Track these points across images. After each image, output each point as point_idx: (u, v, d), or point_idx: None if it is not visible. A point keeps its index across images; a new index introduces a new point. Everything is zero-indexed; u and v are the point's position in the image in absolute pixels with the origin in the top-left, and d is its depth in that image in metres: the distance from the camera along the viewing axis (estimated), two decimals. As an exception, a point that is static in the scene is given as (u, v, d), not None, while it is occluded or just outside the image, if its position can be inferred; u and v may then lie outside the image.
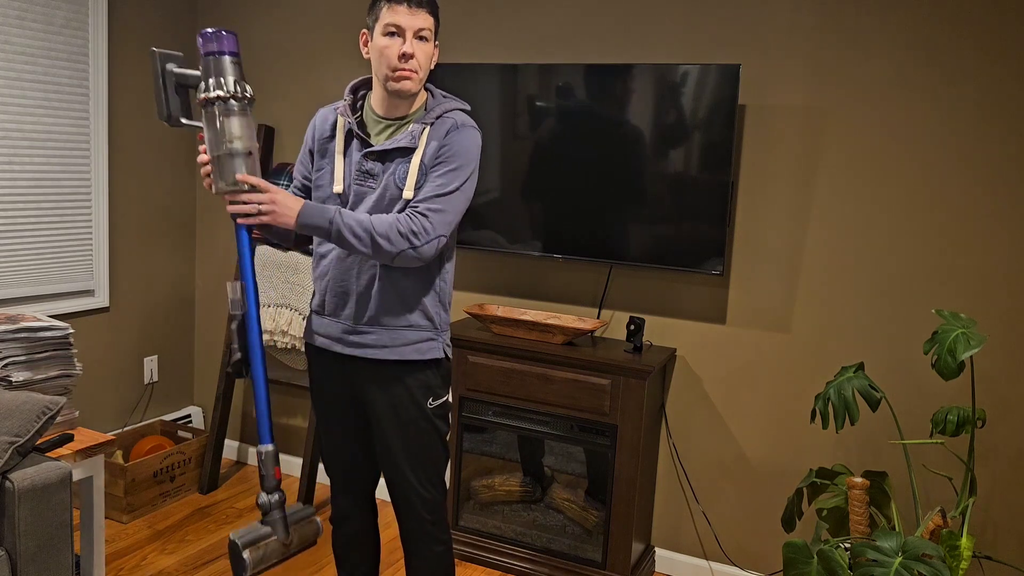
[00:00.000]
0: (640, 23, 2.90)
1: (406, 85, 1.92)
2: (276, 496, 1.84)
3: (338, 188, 1.99)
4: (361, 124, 2.01)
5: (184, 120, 1.91)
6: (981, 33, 2.46)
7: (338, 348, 2.04)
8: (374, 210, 1.96)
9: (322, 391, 2.13)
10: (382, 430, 2.05)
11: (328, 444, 2.17)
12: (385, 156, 1.96)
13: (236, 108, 1.82)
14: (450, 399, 2.11)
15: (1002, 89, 2.45)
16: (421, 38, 1.90)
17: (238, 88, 1.82)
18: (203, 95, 1.82)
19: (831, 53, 2.64)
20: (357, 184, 1.98)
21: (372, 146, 1.97)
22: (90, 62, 3.27)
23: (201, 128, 1.86)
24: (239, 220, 1.86)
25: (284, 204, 1.86)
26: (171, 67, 1.88)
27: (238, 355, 1.88)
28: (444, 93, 2.05)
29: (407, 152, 1.95)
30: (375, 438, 2.08)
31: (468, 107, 2.05)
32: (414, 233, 1.87)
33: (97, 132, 3.33)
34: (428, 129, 1.95)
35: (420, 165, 1.94)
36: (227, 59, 1.83)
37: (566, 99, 2.89)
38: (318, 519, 1.95)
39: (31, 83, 3.07)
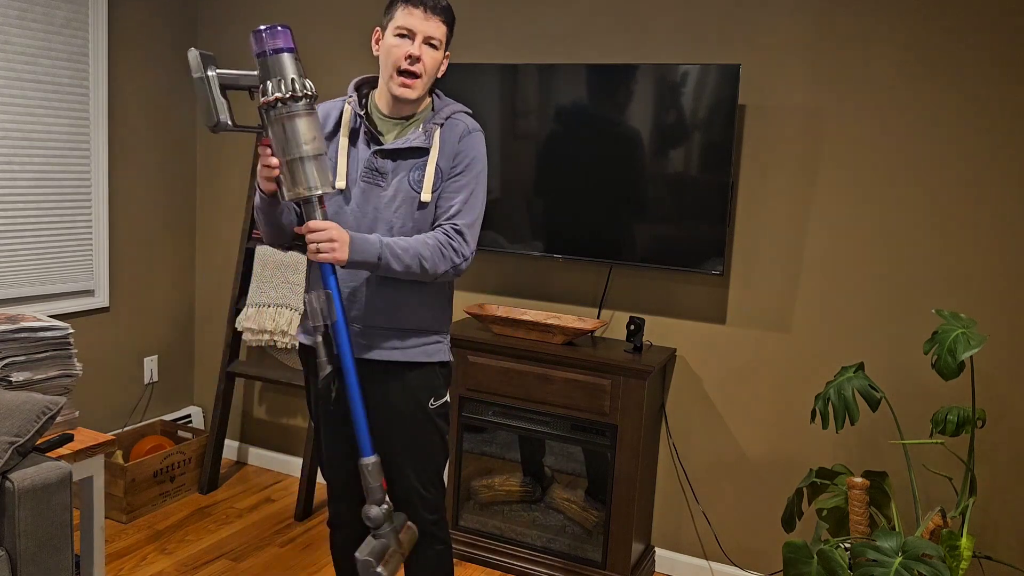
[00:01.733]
0: (640, 23, 2.90)
1: (406, 93, 1.92)
2: (385, 507, 1.81)
3: (340, 184, 1.97)
4: (369, 121, 2.01)
5: (233, 125, 1.77)
6: (981, 33, 2.46)
7: None
8: (386, 210, 1.95)
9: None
10: (384, 431, 2.04)
11: (326, 449, 2.15)
12: (396, 155, 1.96)
13: (302, 108, 1.73)
14: (449, 399, 2.11)
15: (1002, 89, 2.45)
16: (431, 45, 1.91)
17: (302, 86, 1.72)
18: (265, 98, 1.71)
19: (831, 53, 2.64)
20: (365, 181, 1.96)
21: (382, 143, 1.97)
22: (90, 62, 3.27)
23: (256, 131, 1.77)
24: (311, 257, 1.80)
25: (342, 240, 1.79)
26: (212, 69, 1.75)
27: (328, 369, 1.76)
28: (444, 96, 2.08)
29: (419, 152, 1.95)
30: (376, 440, 2.08)
31: (470, 111, 2.07)
32: (456, 253, 1.92)
33: (97, 132, 3.33)
34: (439, 130, 1.97)
35: (436, 169, 1.95)
36: (286, 56, 1.72)
37: (566, 99, 2.88)
38: (411, 523, 1.95)
39: (31, 83, 3.07)
